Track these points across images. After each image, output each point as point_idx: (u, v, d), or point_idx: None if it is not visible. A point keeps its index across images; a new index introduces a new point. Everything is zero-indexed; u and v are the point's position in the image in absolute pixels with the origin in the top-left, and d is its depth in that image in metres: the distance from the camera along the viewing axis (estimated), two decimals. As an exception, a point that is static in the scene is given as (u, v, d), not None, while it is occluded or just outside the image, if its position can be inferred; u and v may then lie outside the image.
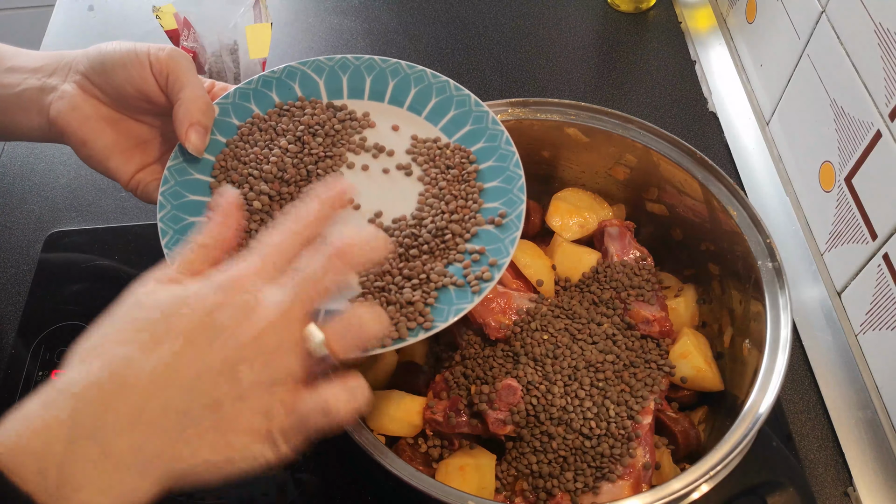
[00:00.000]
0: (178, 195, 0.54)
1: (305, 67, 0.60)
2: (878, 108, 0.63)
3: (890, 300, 0.62)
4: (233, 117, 0.58)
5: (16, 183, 0.86)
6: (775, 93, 0.84)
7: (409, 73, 0.60)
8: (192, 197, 0.54)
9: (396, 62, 0.60)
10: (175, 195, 0.54)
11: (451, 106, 0.59)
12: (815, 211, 0.75)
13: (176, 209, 0.53)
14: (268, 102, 0.59)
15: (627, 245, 0.65)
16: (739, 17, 0.94)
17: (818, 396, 0.68)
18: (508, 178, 0.56)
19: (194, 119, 0.53)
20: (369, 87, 0.60)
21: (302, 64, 0.60)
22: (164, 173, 0.54)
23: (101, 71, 0.54)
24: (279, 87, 0.60)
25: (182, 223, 0.53)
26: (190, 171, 0.55)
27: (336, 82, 0.60)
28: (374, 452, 0.48)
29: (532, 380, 0.56)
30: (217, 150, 0.57)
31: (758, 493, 0.51)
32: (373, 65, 0.60)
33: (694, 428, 0.59)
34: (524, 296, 0.62)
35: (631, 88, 0.94)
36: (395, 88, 0.60)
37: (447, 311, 0.50)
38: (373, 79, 0.60)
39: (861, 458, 0.64)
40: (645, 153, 0.65)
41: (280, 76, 0.60)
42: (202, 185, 0.55)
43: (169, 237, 0.51)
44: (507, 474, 0.56)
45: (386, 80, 0.60)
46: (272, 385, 0.37)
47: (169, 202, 0.53)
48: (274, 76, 0.60)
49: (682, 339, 0.61)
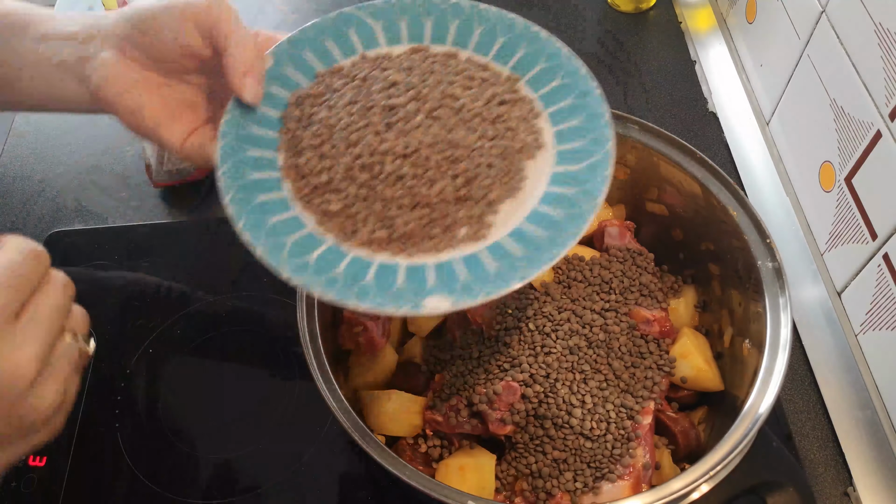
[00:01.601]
0: (239, 149, 0.50)
1: (361, 13, 0.55)
2: (878, 108, 0.63)
3: (890, 300, 0.62)
4: (289, 67, 0.54)
5: (16, 183, 0.86)
6: (775, 93, 0.84)
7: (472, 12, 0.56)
8: (253, 152, 0.51)
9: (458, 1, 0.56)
10: (235, 150, 0.50)
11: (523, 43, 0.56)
12: (815, 211, 0.75)
13: (236, 164, 0.50)
14: (324, 53, 0.55)
15: (627, 245, 0.65)
16: (739, 17, 0.94)
17: (818, 396, 0.68)
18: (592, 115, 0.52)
19: (248, 66, 0.50)
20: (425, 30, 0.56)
21: (359, 9, 0.55)
22: (221, 128, 0.50)
23: (142, 31, 0.51)
24: (336, 35, 0.55)
25: (242, 180, 0.49)
26: (247, 125, 0.51)
27: (394, 30, 0.56)
28: (374, 452, 0.48)
29: (532, 380, 0.56)
30: (279, 105, 0.53)
31: (758, 493, 0.51)
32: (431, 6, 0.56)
33: (694, 428, 0.59)
34: (523, 296, 0.62)
35: (631, 88, 0.94)
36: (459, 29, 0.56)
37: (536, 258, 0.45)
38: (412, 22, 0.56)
39: (861, 458, 0.64)
40: (645, 153, 0.65)
41: (335, 22, 0.55)
42: (261, 140, 0.51)
43: (231, 195, 0.48)
44: (507, 474, 0.56)
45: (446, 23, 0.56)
46: None
47: (229, 157, 0.50)
48: (327, 24, 0.55)
49: (682, 339, 0.61)
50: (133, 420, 0.68)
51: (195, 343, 0.73)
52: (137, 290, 0.76)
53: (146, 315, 0.74)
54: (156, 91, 0.53)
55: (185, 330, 0.74)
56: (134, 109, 0.52)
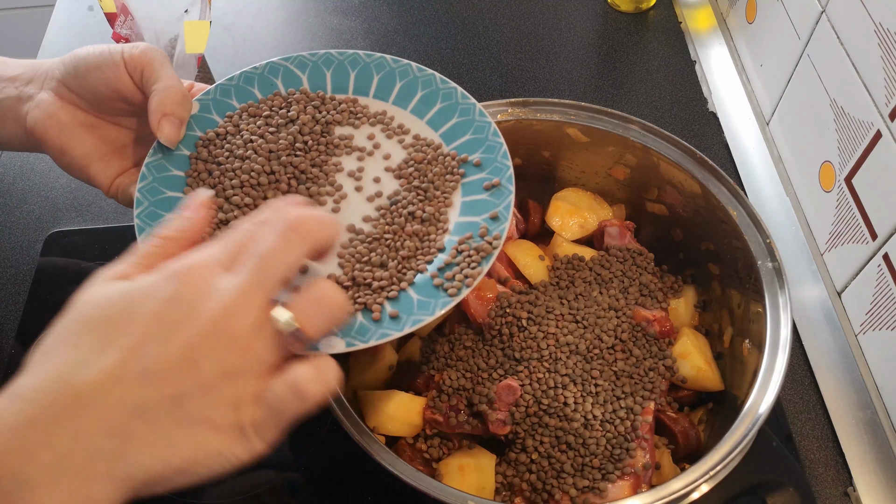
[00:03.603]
0: (156, 191, 0.53)
1: (288, 63, 0.59)
2: (878, 108, 0.63)
3: (890, 300, 0.62)
4: (214, 114, 0.57)
5: (16, 183, 0.86)
6: (775, 93, 0.84)
7: (393, 68, 0.59)
8: (171, 193, 0.53)
9: (381, 56, 0.59)
10: (153, 191, 0.53)
11: (438, 99, 0.58)
12: (815, 211, 0.75)
13: (153, 206, 0.52)
14: (247, 96, 0.58)
15: (627, 245, 0.65)
16: (739, 17, 0.94)
17: (818, 396, 0.68)
18: (496, 169, 0.55)
19: (168, 109, 0.52)
20: (353, 82, 0.60)
21: (285, 60, 0.59)
22: (143, 170, 0.53)
23: (76, 75, 0.53)
24: (261, 83, 0.59)
25: (159, 220, 0.51)
26: (168, 168, 0.54)
27: (319, 78, 0.60)
28: (374, 452, 0.48)
29: (532, 380, 0.56)
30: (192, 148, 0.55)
31: (758, 493, 0.52)
32: (357, 59, 0.60)
33: (694, 428, 0.59)
34: (523, 295, 0.62)
35: (631, 88, 0.94)
36: (380, 82, 0.59)
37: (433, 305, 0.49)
38: (357, 73, 0.60)
39: (861, 458, 0.64)
40: (645, 153, 0.65)
41: (262, 72, 0.59)
42: (180, 182, 0.54)
43: (145, 234, 0.50)
44: (507, 474, 0.56)
45: (370, 75, 0.59)
46: (238, 374, 0.35)
47: (147, 199, 0.52)
48: (256, 72, 0.59)
49: (682, 339, 0.61)
50: (133, 420, 0.68)
51: (195, 343, 0.73)
52: (137, 290, 0.76)
53: (146, 315, 0.74)
54: (88, 132, 0.56)
55: (184, 330, 0.73)
56: (65, 149, 0.55)
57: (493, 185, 0.54)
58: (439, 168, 0.55)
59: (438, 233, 0.53)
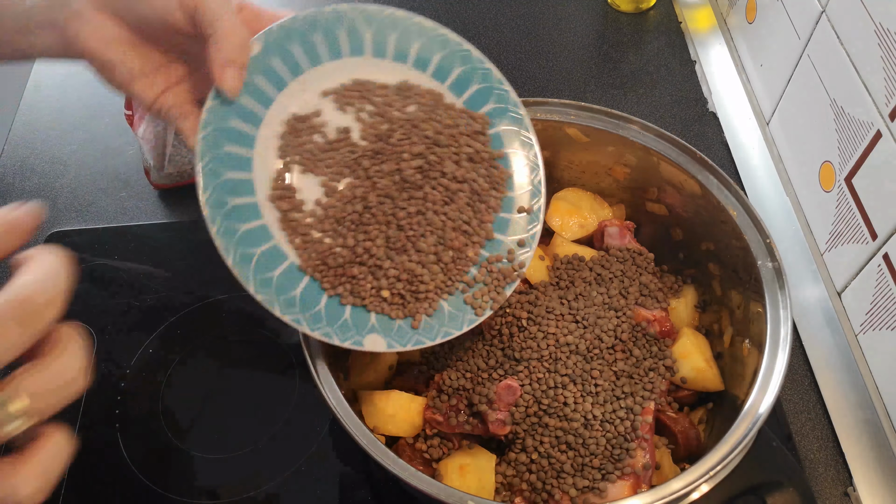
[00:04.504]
0: (217, 144, 0.50)
1: (356, 16, 0.56)
2: (878, 108, 0.63)
3: (890, 300, 0.62)
4: (275, 58, 0.53)
5: (16, 183, 0.86)
6: (775, 93, 0.84)
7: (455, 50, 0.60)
8: (230, 148, 0.51)
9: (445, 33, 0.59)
10: (214, 144, 0.50)
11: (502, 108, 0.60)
12: (815, 211, 0.75)
13: (214, 160, 0.49)
14: (311, 50, 0.54)
15: (627, 245, 0.65)
16: (739, 17, 0.94)
17: (818, 396, 0.68)
18: (533, 192, 0.58)
19: (229, 57, 0.49)
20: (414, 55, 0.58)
21: (353, 9, 0.55)
22: (203, 116, 0.50)
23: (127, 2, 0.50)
24: (326, 32, 0.55)
25: (218, 179, 0.49)
26: (228, 116, 0.51)
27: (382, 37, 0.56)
28: (374, 452, 0.48)
29: (532, 380, 0.56)
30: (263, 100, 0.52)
31: (758, 493, 0.51)
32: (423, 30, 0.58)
33: (694, 428, 0.59)
34: (523, 296, 0.62)
35: (631, 88, 0.94)
36: (421, 49, 0.58)
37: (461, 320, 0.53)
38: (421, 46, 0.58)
39: (861, 458, 0.64)
40: (645, 153, 0.65)
41: (329, 17, 0.55)
42: (240, 136, 0.51)
43: (209, 194, 0.48)
44: (506, 474, 0.56)
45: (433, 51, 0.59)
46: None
47: (208, 152, 0.49)
48: (321, 17, 0.54)
49: (682, 339, 0.61)
50: (133, 420, 0.68)
51: (195, 343, 0.73)
52: (137, 290, 0.76)
53: (146, 315, 0.75)
54: (133, 50, 0.52)
55: (185, 330, 0.73)
56: (109, 65, 0.51)
57: (525, 211, 0.56)
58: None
59: (474, 244, 0.54)
